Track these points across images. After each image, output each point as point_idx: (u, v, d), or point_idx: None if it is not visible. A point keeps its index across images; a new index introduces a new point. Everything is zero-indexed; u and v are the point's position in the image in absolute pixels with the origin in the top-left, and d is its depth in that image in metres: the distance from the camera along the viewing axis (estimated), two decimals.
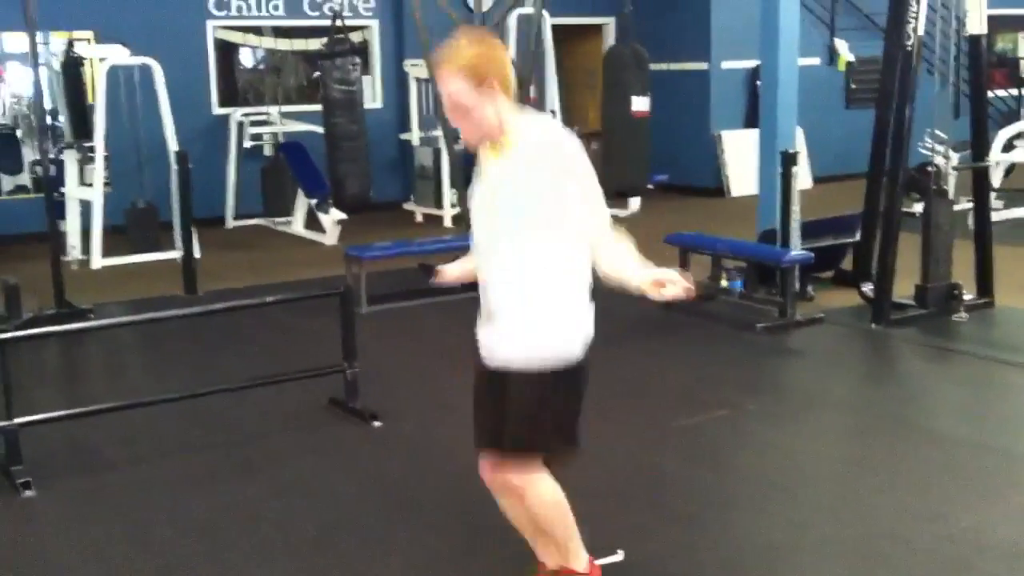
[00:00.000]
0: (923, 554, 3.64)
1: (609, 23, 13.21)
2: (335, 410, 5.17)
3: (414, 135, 11.28)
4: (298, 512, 4.08)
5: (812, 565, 3.59)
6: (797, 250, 6.91)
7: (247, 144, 10.85)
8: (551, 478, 3.14)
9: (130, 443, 4.86)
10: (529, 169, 2.87)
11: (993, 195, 8.49)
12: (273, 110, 10.93)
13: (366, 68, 11.34)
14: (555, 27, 11.32)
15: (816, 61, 13.04)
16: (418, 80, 10.93)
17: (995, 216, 7.85)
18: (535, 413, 3.01)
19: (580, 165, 2.91)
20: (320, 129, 8.96)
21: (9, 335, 4.63)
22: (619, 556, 3.58)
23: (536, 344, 2.97)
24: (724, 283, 7.32)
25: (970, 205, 7.34)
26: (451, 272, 3.30)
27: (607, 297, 3.15)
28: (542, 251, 2.91)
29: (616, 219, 3.06)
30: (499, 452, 3.07)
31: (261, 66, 12.05)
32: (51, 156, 8.73)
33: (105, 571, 3.62)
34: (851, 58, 13.53)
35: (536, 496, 3.10)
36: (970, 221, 7.24)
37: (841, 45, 13.47)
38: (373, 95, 11.71)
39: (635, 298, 3.04)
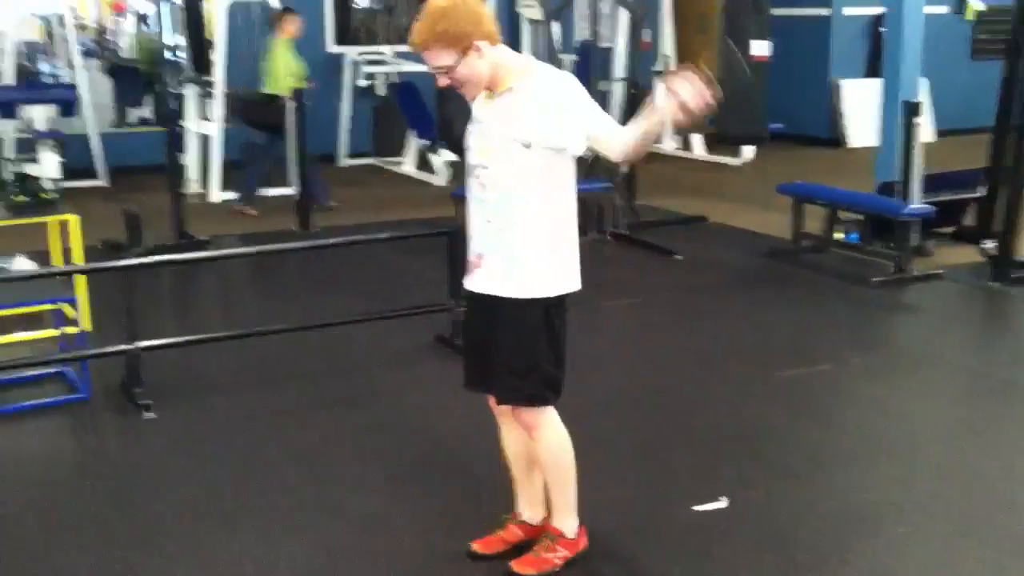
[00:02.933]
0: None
1: None
2: (440, 347, 5.24)
3: None
4: (397, 444, 4.17)
5: (916, 524, 3.53)
6: (917, 203, 6.72)
7: (360, 83, 10.96)
8: (560, 422, 3.12)
9: (241, 371, 5.01)
10: (533, 104, 2.85)
11: None
12: (387, 50, 10.99)
13: None
14: None
15: (943, 10, 12.55)
16: (531, 21, 10.85)
17: None
18: (542, 351, 2.98)
19: (583, 97, 2.90)
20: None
21: (132, 262, 4.81)
22: (723, 503, 3.58)
23: (544, 272, 2.96)
24: (839, 235, 7.17)
25: None
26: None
27: (714, 247, 3.13)
28: (547, 181, 2.90)
29: (728, 168, 3.01)
30: (515, 404, 3.06)
31: (375, 5, 12.10)
32: (172, 90, 8.97)
33: (214, 492, 3.76)
34: (981, 7, 12.98)
35: (546, 435, 3.08)
36: None
37: None
38: None
39: (743, 248, 3.02)
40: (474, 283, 3.05)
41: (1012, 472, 3.93)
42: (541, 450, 3.13)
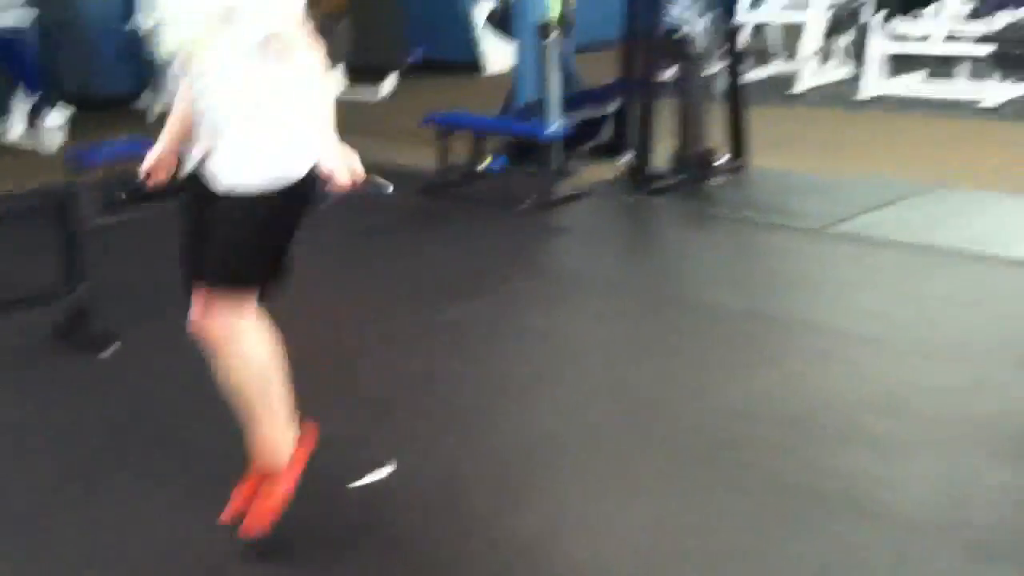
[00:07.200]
0: (691, 430, 3.57)
1: None
2: (57, 342, 4.57)
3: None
4: (33, 457, 3.62)
5: (584, 449, 3.48)
6: (556, 124, 6.71)
7: None
8: (269, 333, 2.85)
9: None
10: None
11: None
12: None
13: None
14: None
15: None
16: None
17: (746, 78, 7.87)
18: (257, 239, 2.82)
19: None
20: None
21: None
22: (391, 467, 3.34)
23: (265, 163, 2.77)
24: (487, 162, 7.06)
25: (721, 68, 7.31)
26: (155, 164, 3.07)
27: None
28: (263, 67, 2.76)
29: (368, 104, 2.81)
30: (213, 288, 2.79)
31: None
32: None
33: None
34: None
35: (246, 346, 2.79)
36: (721, 84, 7.23)
37: None
38: None
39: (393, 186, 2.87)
40: (219, 180, 2.80)
41: (673, 384, 3.95)
42: (241, 370, 2.78)
